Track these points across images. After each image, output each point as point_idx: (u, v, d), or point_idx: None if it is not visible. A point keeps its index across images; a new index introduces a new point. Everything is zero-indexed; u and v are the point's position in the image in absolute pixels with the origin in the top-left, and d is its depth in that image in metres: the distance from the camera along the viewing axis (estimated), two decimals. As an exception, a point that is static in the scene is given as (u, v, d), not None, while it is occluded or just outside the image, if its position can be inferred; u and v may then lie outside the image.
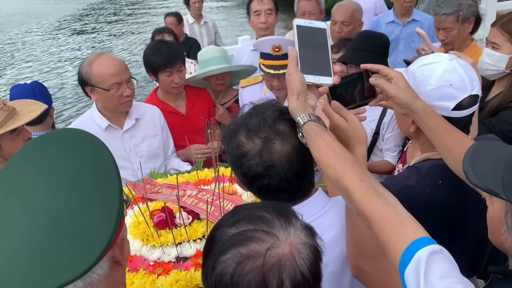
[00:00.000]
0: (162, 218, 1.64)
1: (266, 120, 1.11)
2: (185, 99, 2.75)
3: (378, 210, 0.90)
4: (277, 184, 1.10)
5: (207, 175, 2.09)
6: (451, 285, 0.79)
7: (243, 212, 0.85)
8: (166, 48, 2.57)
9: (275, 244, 0.78)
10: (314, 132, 1.02)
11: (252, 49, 3.20)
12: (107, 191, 0.75)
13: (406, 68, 1.39)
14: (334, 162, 0.97)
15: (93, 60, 2.17)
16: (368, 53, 2.31)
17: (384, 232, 0.89)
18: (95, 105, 2.32)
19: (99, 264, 0.75)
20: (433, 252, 0.82)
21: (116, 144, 2.31)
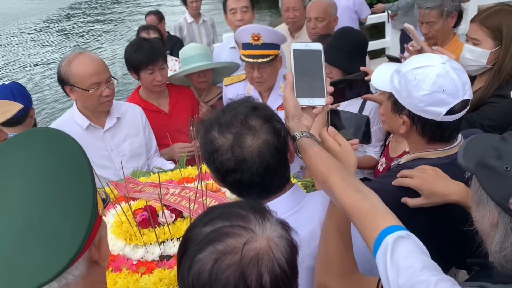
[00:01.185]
0: (144, 217, 1.63)
1: (237, 115, 1.12)
2: (167, 98, 2.73)
3: (355, 204, 1.00)
4: (249, 178, 1.11)
5: (191, 172, 2.08)
6: (412, 264, 0.87)
7: (217, 210, 0.85)
8: (147, 45, 2.55)
9: (252, 238, 0.78)
10: (306, 145, 1.15)
11: (231, 46, 3.20)
12: (81, 192, 0.74)
13: (397, 68, 1.38)
14: (321, 167, 1.09)
15: (72, 59, 2.13)
16: (341, 51, 2.31)
17: (360, 223, 0.98)
18: (75, 104, 2.29)
19: (75, 265, 0.74)
20: (399, 237, 0.91)
21: (97, 144, 2.28)
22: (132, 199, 1.83)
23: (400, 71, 1.35)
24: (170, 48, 4.68)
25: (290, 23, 3.36)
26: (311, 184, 2.02)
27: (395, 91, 1.37)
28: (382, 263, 0.90)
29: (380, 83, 1.49)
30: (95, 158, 2.22)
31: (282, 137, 1.13)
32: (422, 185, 1.31)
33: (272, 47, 2.42)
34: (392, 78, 1.38)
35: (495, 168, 0.91)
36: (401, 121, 1.38)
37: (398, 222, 0.95)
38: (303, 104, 1.23)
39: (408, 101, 1.33)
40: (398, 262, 0.88)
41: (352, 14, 4.68)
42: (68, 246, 0.70)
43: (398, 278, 0.87)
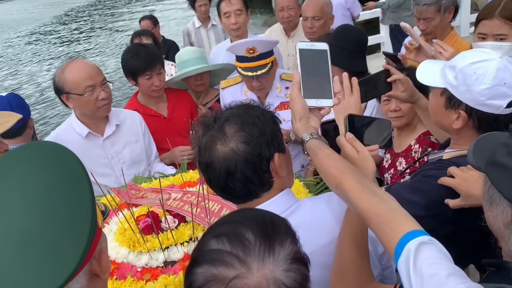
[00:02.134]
0: (147, 223, 1.63)
1: (219, 118, 1.15)
2: (166, 102, 2.73)
3: (372, 208, 0.97)
4: (215, 180, 1.14)
5: (192, 176, 2.08)
6: (437, 271, 0.83)
7: (229, 224, 0.82)
8: (144, 51, 2.54)
9: (243, 275, 0.75)
10: (316, 147, 1.13)
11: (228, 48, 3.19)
12: (79, 205, 0.73)
13: (449, 64, 1.38)
14: (333, 170, 1.07)
15: (64, 67, 2.13)
16: (342, 50, 2.29)
17: (379, 228, 0.95)
18: (73, 113, 2.29)
19: (76, 279, 0.73)
20: (422, 243, 0.87)
21: (97, 152, 2.27)
22: (134, 206, 1.82)
23: (455, 66, 1.34)
24: (165, 52, 4.66)
25: (285, 23, 3.36)
26: (313, 184, 2.02)
27: (450, 86, 1.36)
28: (405, 271, 0.87)
29: (428, 79, 1.46)
30: (96, 166, 2.22)
31: (254, 146, 1.10)
32: (460, 186, 1.31)
33: (267, 55, 2.41)
34: (445, 73, 1.38)
35: (506, 165, 0.89)
36: (456, 116, 1.38)
37: (419, 226, 0.92)
38: (310, 105, 1.22)
39: (467, 96, 1.32)
40: (422, 269, 0.85)
41: (345, 11, 4.68)
42: (68, 259, 0.69)
43: (423, 286, 0.84)
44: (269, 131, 1.14)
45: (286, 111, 2.55)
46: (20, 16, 19.73)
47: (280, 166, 1.15)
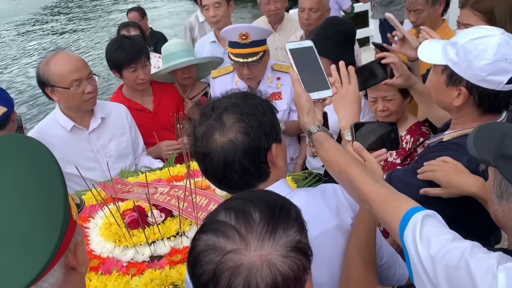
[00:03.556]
0: (133, 218, 1.61)
1: (218, 107, 1.14)
2: (151, 95, 2.69)
3: (376, 190, 1.04)
4: (212, 171, 1.13)
5: (180, 171, 2.06)
6: (443, 235, 0.90)
7: (242, 201, 0.84)
8: (129, 43, 2.50)
9: (240, 250, 0.77)
10: (323, 139, 1.20)
11: (212, 40, 3.16)
12: (51, 197, 0.72)
13: (450, 41, 1.38)
14: (338, 158, 1.14)
15: (49, 59, 2.08)
16: (330, 41, 2.29)
17: (382, 208, 1.02)
18: (58, 106, 2.24)
19: (50, 273, 0.72)
20: (427, 215, 0.94)
21: (82, 146, 2.24)
22: (121, 200, 1.80)
23: (456, 43, 1.35)
24: (153, 44, 4.60)
25: (271, 16, 3.31)
26: (301, 178, 2.01)
27: (451, 63, 1.36)
28: (411, 239, 0.92)
29: (430, 57, 1.46)
30: (81, 160, 2.19)
31: (253, 138, 1.11)
32: (442, 177, 1.34)
33: (260, 43, 2.40)
34: (446, 51, 1.38)
35: None
36: (457, 93, 1.38)
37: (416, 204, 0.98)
38: (314, 99, 1.27)
39: (467, 72, 1.32)
40: (428, 235, 0.91)
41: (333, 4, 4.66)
42: (41, 252, 0.68)
43: (430, 249, 0.89)
44: (268, 122, 1.15)
45: (277, 101, 2.54)
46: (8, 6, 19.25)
47: (277, 156, 1.16)
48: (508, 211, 0.96)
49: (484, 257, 0.85)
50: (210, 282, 0.76)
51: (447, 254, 0.87)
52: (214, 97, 1.21)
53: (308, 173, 2.13)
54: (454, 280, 0.86)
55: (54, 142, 2.13)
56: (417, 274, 0.92)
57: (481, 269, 0.83)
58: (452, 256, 0.87)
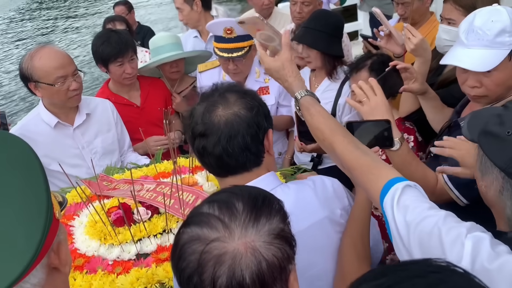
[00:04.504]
0: (119, 215, 1.58)
1: (218, 89, 1.17)
2: (139, 90, 2.65)
3: (356, 159, 1.08)
4: (212, 147, 1.11)
5: (166, 167, 2.03)
6: (421, 204, 0.94)
7: (225, 194, 0.85)
8: (115, 37, 2.46)
9: (224, 238, 0.76)
10: (309, 104, 1.23)
11: (195, 35, 3.13)
12: (33, 195, 0.69)
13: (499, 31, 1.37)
14: (322, 126, 1.17)
15: (33, 54, 2.03)
16: (321, 33, 2.27)
17: (362, 175, 1.06)
18: (41, 102, 2.20)
19: (32, 273, 0.69)
20: (408, 185, 0.98)
21: (67, 142, 2.20)
22: (106, 198, 1.77)
23: (504, 29, 1.36)
24: (141, 38, 4.54)
25: (264, 10, 3.27)
26: (290, 173, 2.00)
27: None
28: (390, 205, 0.96)
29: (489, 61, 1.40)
30: (66, 157, 2.15)
31: (255, 113, 1.13)
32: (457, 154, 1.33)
33: (245, 38, 2.37)
34: (501, 42, 1.37)
35: (497, 134, 0.92)
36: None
37: (400, 174, 1.02)
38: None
39: None
40: (406, 203, 0.94)
41: (322, -2, 4.63)
42: (22, 252, 0.66)
43: (406, 217, 0.92)
44: (265, 106, 1.18)
45: (265, 96, 2.52)
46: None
47: (272, 143, 1.18)
48: (488, 187, 0.98)
49: (455, 225, 0.88)
50: (194, 273, 0.75)
51: (422, 221, 0.91)
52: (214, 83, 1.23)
53: (296, 168, 2.12)
54: (425, 247, 0.89)
55: (38, 138, 2.09)
56: (394, 239, 0.96)
57: (451, 237, 0.86)
58: (426, 224, 0.90)
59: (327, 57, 2.32)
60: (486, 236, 0.85)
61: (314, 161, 2.39)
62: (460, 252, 0.83)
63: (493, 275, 0.79)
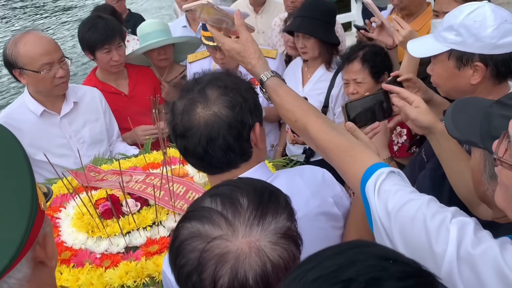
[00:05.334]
0: (107, 207, 1.54)
1: (199, 82, 1.09)
2: (127, 78, 2.59)
3: (332, 139, 1.04)
4: (192, 148, 1.06)
5: (156, 158, 1.99)
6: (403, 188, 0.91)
7: (228, 187, 0.80)
8: (102, 23, 2.38)
9: (227, 237, 0.72)
10: (276, 85, 1.18)
11: (183, 25, 3.05)
12: (17, 185, 0.65)
13: (446, 26, 1.37)
14: (293, 106, 1.13)
15: (18, 39, 1.96)
16: (318, 21, 2.25)
17: (339, 157, 1.02)
18: (26, 89, 2.13)
19: (17, 267, 0.66)
20: (392, 171, 0.95)
21: (54, 131, 2.14)
22: (93, 189, 1.72)
23: (452, 25, 1.34)
24: (131, 26, 4.43)
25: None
26: (282, 164, 1.98)
27: (456, 45, 1.35)
28: (371, 191, 0.93)
29: (426, 51, 1.45)
30: (52, 147, 2.09)
31: (237, 112, 1.06)
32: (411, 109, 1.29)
33: None
34: (443, 37, 1.37)
35: None
36: (471, 71, 1.36)
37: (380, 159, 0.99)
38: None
39: (477, 45, 1.32)
40: (388, 190, 0.91)
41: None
42: (6, 245, 0.62)
43: (387, 204, 0.89)
44: (251, 99, 1.11)
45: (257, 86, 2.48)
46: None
47: (260, 136, 1.13)
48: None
49: (440, 210, 0.86)
50: (194, 272, 0.72)
51: (403, 206, 0.88)
52: (195, 73, 1.16)
53: (288, 160, 2.10)
54: (408, 233, 0.86)
55: (23, 127, 2.03)
56: (376, 227, 0.94)
57: (436, 223, 0.84)
58: (408, 208, 0.87)
59: (325, 45, 2.28)
60: (470, 221, 0.84)
61: (306, 153, 2.37)
62: (446, 237, 0.81)
63: (477, 260, 0.78)
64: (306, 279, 0.50)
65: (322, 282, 0.48)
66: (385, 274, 0.48)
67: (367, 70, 2.07)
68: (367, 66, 2.07)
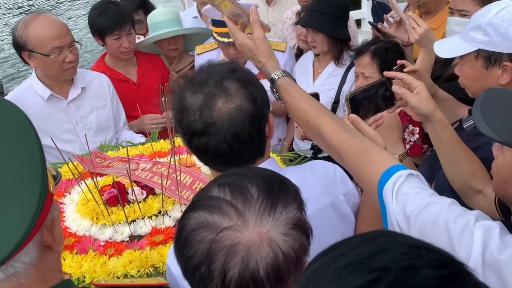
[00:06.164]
0: (112, 194, 1.52)
1: (214, 75, 1.03)
2: (136, 66, 2.56)
3: (346, 141, 1.01)
4: (215, 145, 1.01)
5: (163, 146, 1.97)
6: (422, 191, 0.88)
7: (236, 176, 0.77)
8: (113, 8, 2.35)
9: (237, 227, 0.70)
10: (287, 84, 1.15)
11: (194, 16, 3.01)
12: (28, 166, 0.63)
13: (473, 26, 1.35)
14: (305, 106, 1.10)
15: (28, 21, 1.93)
16: (327, 16, 2.21)
17: (353, 159, 0.99)
18: (34, 73, 2.10)
19: (24, 251, 0.64)
20: (411, 174, 0.92)
21: (60, 116, 2.11)
22: (99, 175, 1.70)
23: (479, 25, 1.32)
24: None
25: None
26: (289, 159, 1.95)
27: (483, 44, 1.33)
28: (390, 194, 0.90)
29: (453, 51, 1.43)
30: (58, 131, 2.07)
31: (259, 105, 1.03)
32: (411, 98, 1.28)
33: None
34: (471, 37, 1.35)
35: None
36: (500, 71, 1.34)
37: (398, 161, 0.97)
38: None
39: (506, 44, 1.30)
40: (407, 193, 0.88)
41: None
42: (15, 227, 0.60)
43: (406, 208, 0.87)
44: (264, 90, 1.08)
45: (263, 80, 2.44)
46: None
47: (273, 128, 1.11)
48: None
49: (462, 213, 0.83)
50: (202, 263, 0.69)
51: (424, 209, 0.85)
52: (201, 65, 1.11)
53: (296, 154, 2.07)
54: (428, 237, 0.83)
55: (30, 111, 1.96)
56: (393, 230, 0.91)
57: (459, 226, 0.81)
58: (429, 211, 0.85)
59: (334, 41, 2.25)
60: (496, 225, 0.81)
61: (314, 149, 2.34)
62: (470, 241, 0.79)
63: (503, 266, 0.76)
64: (335, 266, 0.48)
65: (354, 269, 0.46)
66: (419, 262, 0.46)
67: (376, 65, 2.04)
68: (376, 60, 2.04)
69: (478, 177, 1.28)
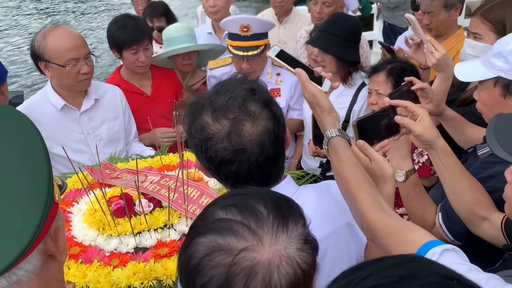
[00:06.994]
0: (120, 206, 1.53)
1: (235, 98, 1.01)
2: (150, 79, 2.60)
3: (380, 220, 0.98)
4: (247, 170, 1.00)
5: (172, 160, 1.98)
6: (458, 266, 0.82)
7: (240, 196, 0.76)
8: (132, 23, 2.40)
9: (254, 247, 0.68)
10: (339, 146, 1.10)
11: (208, 32, 3.07)
12: (34, 174, 0.64)
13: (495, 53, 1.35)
14: (348, 175, 1.06)
15: (47, 32, 1.98)
16: (336, 37, 2.22)
17: (387, 239, 0.96)
18: (49, 83, 2.15)
19: (28, 259, 0.64)
20: (446, 249, 0.88)
21: (72, 127, 2.15)
22: (108, 186, 1.72)
23: (501, 53, 1.33)
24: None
25: (277, 8, 3.23)
26: (296, 177, 1.94)
27: (503, 72, 1.34)
28: None
29: (473, 75, 1.43)
30: (70, 141, 2.10)
31: (282, 123, 1.04)
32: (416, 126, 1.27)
33: (261, 37, 2.32)
34: (492, 64, 1.36)
35: None
36: None
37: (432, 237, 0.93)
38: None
39: None
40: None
41: (340, 3, 4.57)
42: (19, 235, 0.60)
43: None
44: (279, 106, 1.08)
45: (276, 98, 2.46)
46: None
47: (289, 142, 1.11)
48: None
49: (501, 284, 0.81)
50: (221, 287, 0.67)
51: None
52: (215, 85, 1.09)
53: (305, 173, 2.06)
54: None
55: (43, 120, 2.04)
56: None
57: None
58: None
59: (342, 62, 2.26)
60: None
61: (323, 167, 2.33)
62: None
63: None
64: (363, 286, 0.47)
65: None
66: None
67: (390, 83, 2.05)
68: (391, 79, 2.05)
69: (482, 204, 1.26)
